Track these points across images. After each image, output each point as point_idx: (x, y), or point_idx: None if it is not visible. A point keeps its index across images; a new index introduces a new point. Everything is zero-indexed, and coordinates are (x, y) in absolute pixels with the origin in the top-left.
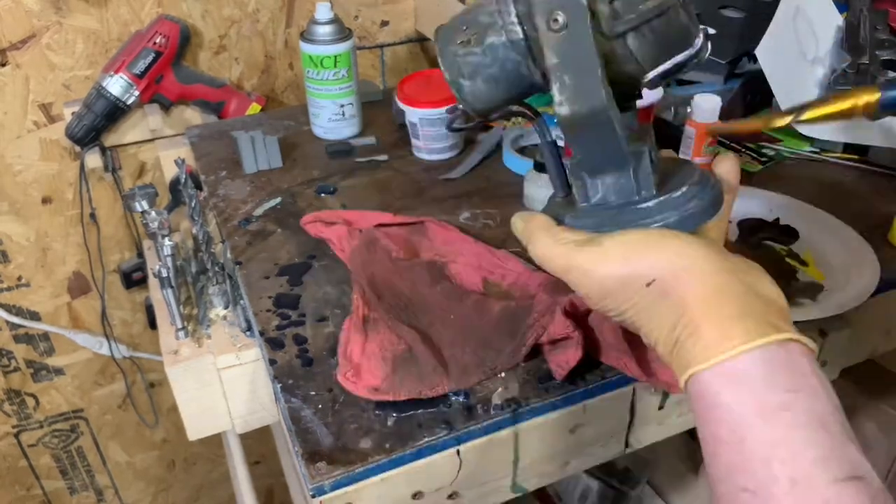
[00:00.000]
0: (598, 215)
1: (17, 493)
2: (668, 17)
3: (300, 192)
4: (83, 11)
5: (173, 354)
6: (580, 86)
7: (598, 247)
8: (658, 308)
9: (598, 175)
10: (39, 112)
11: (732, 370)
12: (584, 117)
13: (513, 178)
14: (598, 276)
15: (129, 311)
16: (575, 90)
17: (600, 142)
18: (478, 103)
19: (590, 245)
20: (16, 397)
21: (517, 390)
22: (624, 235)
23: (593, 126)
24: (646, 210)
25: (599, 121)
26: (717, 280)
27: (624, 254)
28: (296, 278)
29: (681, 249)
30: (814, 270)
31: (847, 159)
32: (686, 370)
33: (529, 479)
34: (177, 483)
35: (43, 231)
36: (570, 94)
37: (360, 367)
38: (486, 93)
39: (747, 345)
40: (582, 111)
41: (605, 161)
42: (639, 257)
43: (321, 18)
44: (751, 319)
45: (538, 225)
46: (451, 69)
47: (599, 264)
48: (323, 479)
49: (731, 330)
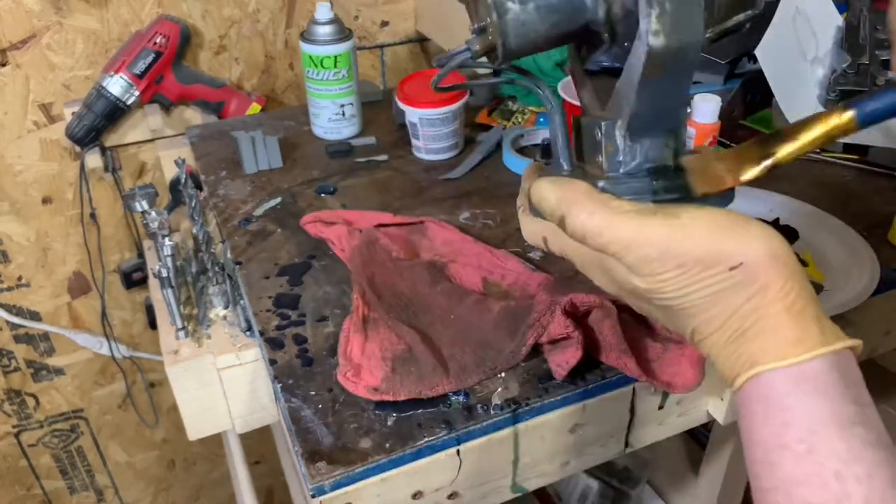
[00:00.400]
0: (641, 182)
1: (17, 493)
2: None
3: (300, 192)
4: (83, 11)
5: (173, 354)
6: (682, 14)
7: (676, 219)
8: (733, 295)
9: (641, 137)
10: (39, 112)
11: (808, 374)
12: (676, 53)
13: (513, 178)
14: (677, 250)
15: (129, 311)
16: (675, 18)
17: (673, 89)
18: (517, 37)
19: (663, 216)
20: (16, 397)
21: (517, 390)
22: (700, 210)
23: (680, 66)
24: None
25: (688, 61)
26: (801, 277)
27: (706, 230)
28: (296, 278)
29: (769, 236)
30: (814, 270)
31: (847, 159)
32: (751, 366)
33: (529, 479)
34: (177, 483)
35: (43, 231)
36: (670, 23)
37: (360, 367)
38: (534, 22)
39: (825, 348)
40: (676, 45)
41: (661, 117)
42: (724, 237)
43: (321, 18)
44: (823, 323)
45: (580, 193)
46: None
47: (675, 238)
48: (323, 478)
49: (810, 330)
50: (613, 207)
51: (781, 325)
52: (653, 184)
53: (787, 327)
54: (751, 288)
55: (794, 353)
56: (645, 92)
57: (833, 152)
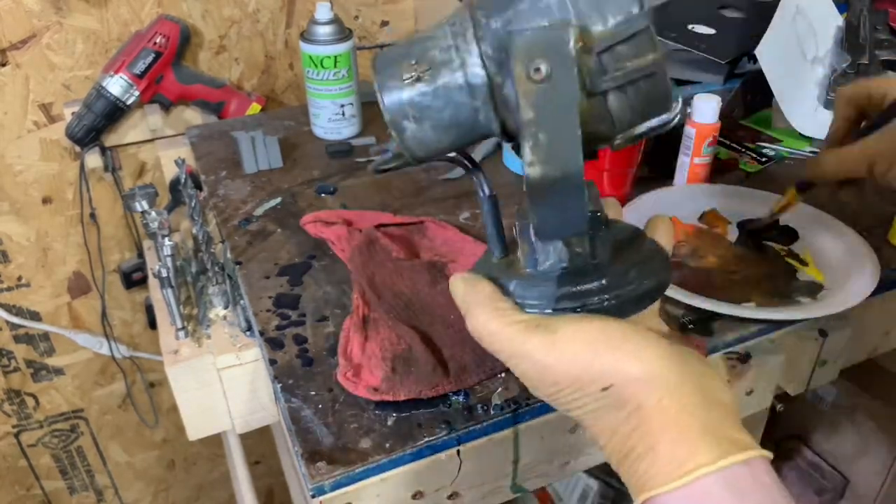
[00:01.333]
0: (548, 287)
1: (17, 493)
2: (655, 77)
3: (300, 192)
4: (83, 11)
5: (173, 354)
6: (557, 146)
7: (552, 335)
8: (610, 415)
9: (551, 240)
10: (39, 112)
11: (696, 493)
12: (555, 181)
13: (513, 178)
14: (551, 369)
15: (129, 311)
16: (550, 150)
17: (564, 207)
18: (420, 150)
19: (542, 331)
20: (16, 397)
21: (517, 390)
22: (580, 323)
23: (563, 190)
24: (600, 287)
25: (571, 185)
26: (678, 391)
27: (579, 349)
28: (296, 278)
29: (644, 352)
30: (814, 270)
31: None
32: (641, 491)
33: (529, 479)
34: (177, 483)
35: (43, 231)
36: (544, 155)
37: (360, 367)
38: (432, 139)
39: (711, 466)
40: (555, 174)
41: (564, 226)
42: (596, 357)
43: (321, 18)
44: (711, 436)
45: (483, 297)
46: (392, 109)
47: (550, 356)
48: (323, 478)
49: (693, 449)
50: (506, 317)
51: (663, 444)
52: (557, 291)
53: (669, 447)
54: (625, 409)
55: (677, 474)
56: (537, 208)
57: None
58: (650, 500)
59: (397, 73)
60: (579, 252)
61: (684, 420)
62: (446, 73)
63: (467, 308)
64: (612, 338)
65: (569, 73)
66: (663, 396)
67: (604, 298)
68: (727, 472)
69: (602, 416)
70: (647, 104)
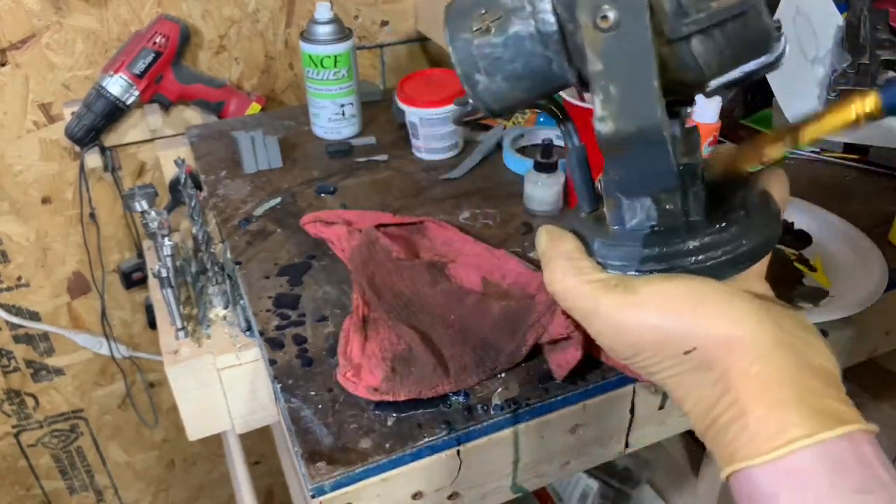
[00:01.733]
0: (633, 247)
1: (17, 493)
2: (746, 18)
3: (300, 192)
4: (83, 11)
5: (173, 354)
6: (630, 99)
7: (633, 294)
8: (696, 380)
9: (638, 196)
10: (39, 112)
11: (791, 468)
12: (630, 136)
13: (513, 178)
14: (629, 331)
15: (129, 311)
16: (622, 104)
17: (646, 162)
18: (495, 103)
19: (622, 290)
20: (16, 397)
21: (517, 390)
22: (664, 283)
23: (641, 146)
24: (693, 248)
25: (650, 140)
26: (771, 355)
27: (662, 309)
28: (296, 278)
29: (730, 312)
30: (822, 277)
31: (847, 159)
32: (730, 463)
33: (529, 479)
34: (177, 483)
35: (43, 231)
36: (616, 109)
37: (360, 367)
38: (505, 92)
39: (808, 439)
40: (629, 129)
41: (650, 182)
42: (679, 317)
43: (321, 18)
44: (807, 407)
45: (564, 252)
46: (463, 62)
47: (631, 316)
48: (323, 479)
49: (787, 419)
50: (584, 274)
51: (752, 414)
52: (642, 252)
53: (759, 417)
54: (712, 373)
55: (770, 446)
56: (616, 166)
57: (833, 152)
58: (738, 472)
59: (466, 24)
60: (670, 209)
61: (776, 388)
62: (517, 22)
63: (547, 261)
64: (696, 297)
65: (639, 20)
66: (753, 361)
67: (697, 260)
68: (824, 446)
69: (685, 380)
70: (740, 47)
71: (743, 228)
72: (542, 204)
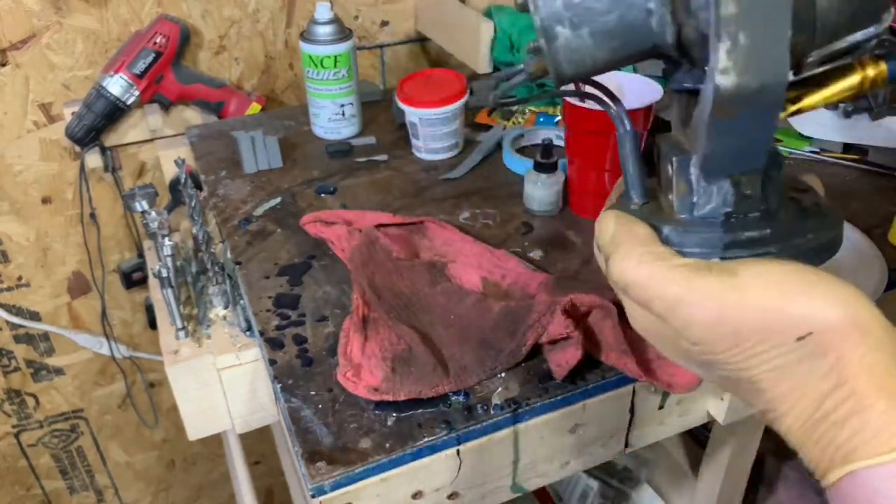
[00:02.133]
0: (712, 232)
1: (17, 493)
2: None
3: (300, 192)
4: (83, 11)
5: (173, 354)
6: (761, 49)
7: (732, 277)
8: (805, 371)
9: (718, 178)
10: (39, 112)
11: None
12: (751, 95)
13: (513, 178)
14: (731, 317)
15: (129, 311)
16: (751, 54)
17: (753, 130)
18: (570, 63)
19: (718, 273)
20: (16, 397)
21: (517, 390)
22: (765, 265)
23: (757, 108)
24: (771, 236)
25: (770, 101)
26: (886, 344)
27: (768, 293)
28: (296, 278)
29: (846, 296)
30: None
31: (847, 159)
32: (844, 463)
33: (529, 479)
34: (177, 483)
35: (43, 231)
36: (744, 60)
37: (360, 367)
38: (588, 50)
39: None
40: (752, 85)
41: (741, 159)
42: (789, 301)
43: (321, 18)
44: None
45: (639, 238)
46: (546, 9)
47: (730, 301)
48: (323, 479)
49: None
50: (664, 259)
51: (875, 408)
52: (725, 236)
53: (882, 411)
54: (825, 362)
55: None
56: (718, 133)
57: (833, 152)
58: (854, 473)
59: None
60: (748, 195)
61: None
62: None
63: (615, 249)
64: (805, 280)
65: None
66: (869, 350)
67: (785, 247)
68: None
69: (790, 373)
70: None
71: (819, 221)
72: (542, 204)
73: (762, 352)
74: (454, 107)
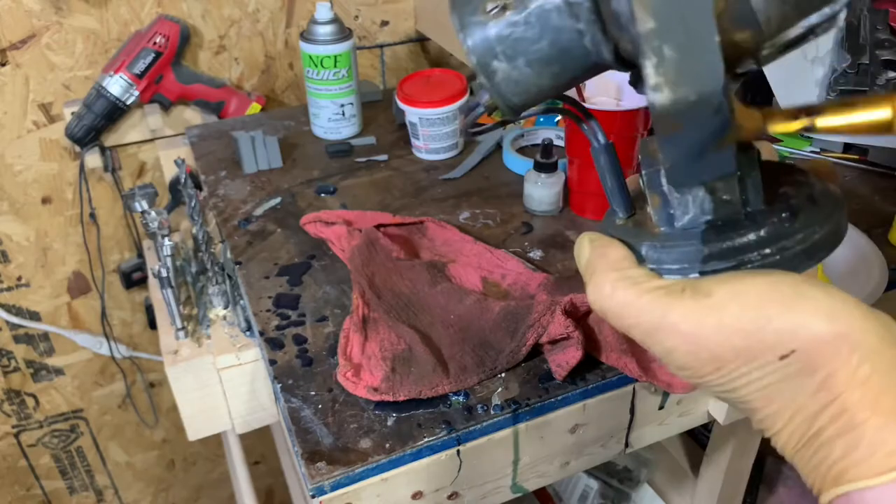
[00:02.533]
0: (690, 246)
1: (17, 493)
2: None
3: (300, 192)
4: (83, 11)
5: (173, 354)
6: (688, 60)
7: (707, 298)
8: (792, 389)
9: (690, 188)
10: (39, 112)
11: None
12: (690, 106)
13: (513, 178)
14: (709, 340)
15: (129, 311)
16: (680, 66)
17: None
18: (516, 95)
19: (692, 295)
20: (16, 397)
21: (517, 390)
22: (741, 280)
23: (700, 118)
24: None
25: (711, 109)
26: (882, 356)
27: (745, 311)
28: (296, 278)
29: (832, 307)
30: (821, 277)
31: (847, 159)
32: (837, 484)
33: (529, 479)
34: (177, 483)
35: (43, 231)
36: (673, 73)
37: (360, 367)
38: (529, 78)
39: None
40: (688, 98)
41: (705, 167)
42: (768, 318)
43: (321, 18)
44: None
45: (612, 262)
46: (478, 49)
47: (706, 325)
48: (323, 479)
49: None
50: (639, 284)
51: (868, 425)
52: (703, 249)
53: (876, 429)
54: (814, 379)
55: (888, 465)
56: (670, 147)
57: (833, 152)
58: (847, 495)
59: (478, 5)
60: (727, 200)
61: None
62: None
63: (590, 276)
64: (785, 293)
65: None
66: (861, 363)
67: (768, 253)
68: None
69: (779, 392)
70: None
71: (811, 216)
72: (542, 204)
73: (745, 373)
74: (454, 107)
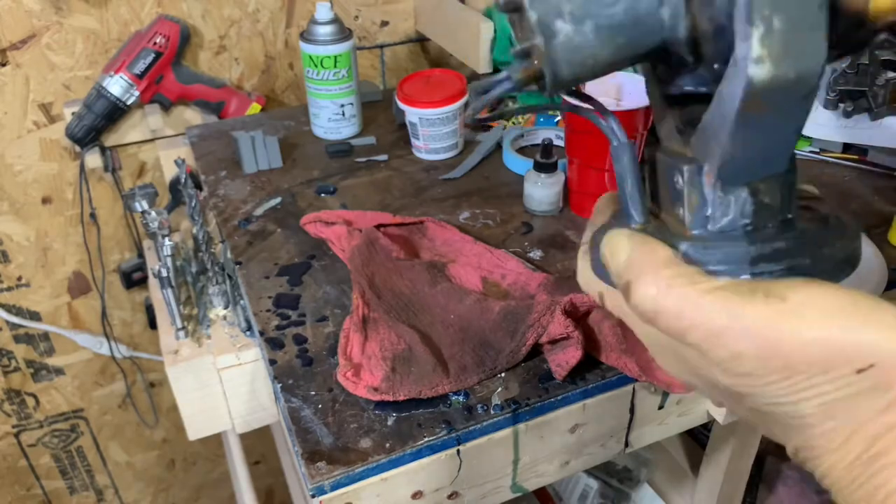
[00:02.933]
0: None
1: (17, 493)
2: None
3: (300, 192)
4: (83, 11)
5: (173, 354)
6: (797, 34)
7: (782, 303)
8: (859, 406)
9: (736, 186)
10: (39, 112)
11: None
12: (787, 85)
13: (513, 178)
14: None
15: (129, 311)
16: (787, 40)
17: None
18: (568, 66)
19: (764, 297)
20: (16, 397)
21: (517, 390)
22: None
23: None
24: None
25: (804, 92)
26: None
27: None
28: (296, 278)
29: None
30: None
31: (847, 159)
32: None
33: (529, 479)
34: (177, 483)
35: (43, 231)
36: (779, 47)
37: (360, 366)
38: (590, 48)
39: None
40: (787, 75)
41: (764, 161)
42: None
43: (321, 18)
44: None
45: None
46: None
47: (783, 329)
48: (323, 478)
49: None
50: (698, 282)
51: None
52: (750, 250)
53: None
54: (885, 396)
55: None
56: (743, 132)
57: (832, 152)
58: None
59: None
60: (768, 204)
61: None
62: None
63: (636, 274)
64: (865, 306)
65: None
66: None
67: (811, 259)
68: None
69: (845, 407)
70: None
71: (841, 229)
72: (542, 204)
73: (816, 384)
74: (454, 107)
